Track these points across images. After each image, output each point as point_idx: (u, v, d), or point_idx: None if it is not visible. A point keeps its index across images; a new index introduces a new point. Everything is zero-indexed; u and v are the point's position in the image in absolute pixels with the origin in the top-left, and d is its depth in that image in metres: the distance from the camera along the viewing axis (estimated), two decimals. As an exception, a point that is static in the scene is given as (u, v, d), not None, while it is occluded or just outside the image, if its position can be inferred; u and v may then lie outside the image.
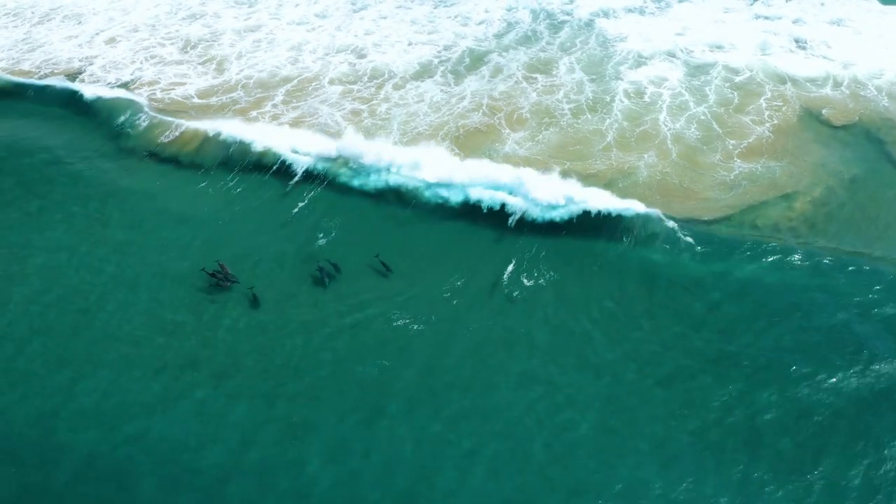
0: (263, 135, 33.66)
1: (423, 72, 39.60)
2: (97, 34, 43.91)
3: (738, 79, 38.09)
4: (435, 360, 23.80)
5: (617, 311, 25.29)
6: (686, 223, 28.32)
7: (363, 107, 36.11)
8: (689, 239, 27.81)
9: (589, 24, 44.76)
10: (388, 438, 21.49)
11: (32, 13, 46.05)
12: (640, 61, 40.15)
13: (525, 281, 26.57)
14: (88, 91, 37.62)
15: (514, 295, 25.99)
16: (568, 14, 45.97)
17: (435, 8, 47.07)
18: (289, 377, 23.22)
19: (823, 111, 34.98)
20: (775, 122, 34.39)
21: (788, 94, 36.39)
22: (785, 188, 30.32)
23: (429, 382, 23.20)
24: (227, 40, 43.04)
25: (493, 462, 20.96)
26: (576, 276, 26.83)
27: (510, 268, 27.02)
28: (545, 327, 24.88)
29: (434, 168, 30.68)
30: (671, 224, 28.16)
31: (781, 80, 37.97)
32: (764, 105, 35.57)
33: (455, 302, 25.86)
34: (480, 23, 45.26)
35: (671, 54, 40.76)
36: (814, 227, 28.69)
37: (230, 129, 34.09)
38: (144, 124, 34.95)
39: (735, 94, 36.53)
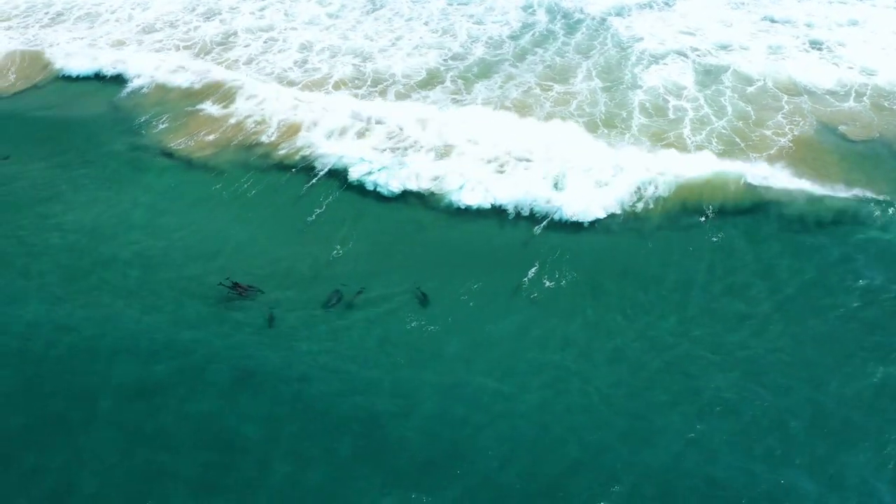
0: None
1: (432, 77, 38.09)
2: (103, 36, 42.85)
3: (750, 88, 36.11)
4: (454, 361, 22.71)
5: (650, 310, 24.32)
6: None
7: (368, 117, 34.72)
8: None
9: (602, 22, 43.23)
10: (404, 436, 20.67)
11: (46, 13, 45.13)
12: (653, 63, 38.46)
13: (548, 282, 25.46)
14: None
15: (537, 296, 24.85)
16: (582, 12, 44.29)
17: (449, 4, 45.68)
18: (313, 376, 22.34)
19: (840, 127, 32.80)
20: (797, 133, 32.39)
21: (805, 106, 34.27)
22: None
23: (449, 381, 22.19)
24: (241, 40, 41.85)
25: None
26: (606, 276, 25.77)
27: (534, 270, 25.80)
28: (571, 326, 23.75)
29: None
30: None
31: (797, 90, 35.89)
32: (783, 121, 33.38)
33: (472, 303, 24.65)
34: (495, 22, 43.71)
35: (684, 56, 39.09)
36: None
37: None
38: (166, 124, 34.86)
39: (750, 107, 34.47)
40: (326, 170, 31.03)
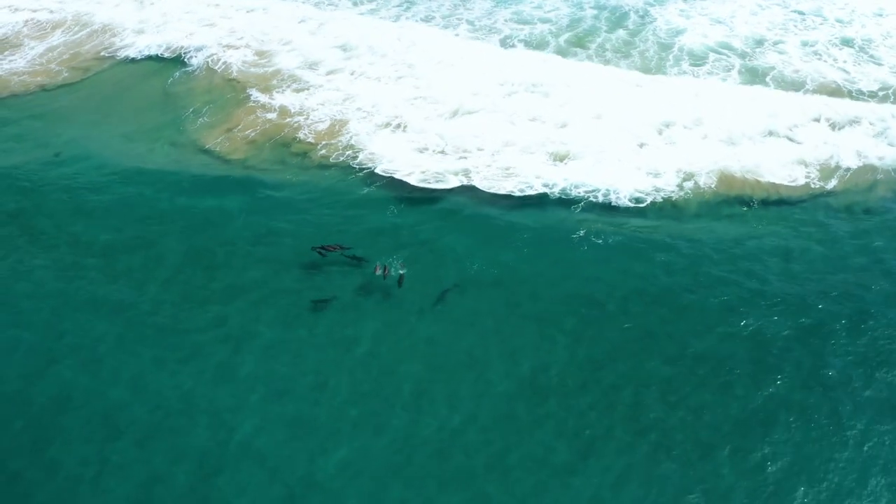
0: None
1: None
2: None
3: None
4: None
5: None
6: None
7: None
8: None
9: (644, 16, 42.61)
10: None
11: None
12: (693, 63, 38.29)
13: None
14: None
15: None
16: (625, 6, 43.41)
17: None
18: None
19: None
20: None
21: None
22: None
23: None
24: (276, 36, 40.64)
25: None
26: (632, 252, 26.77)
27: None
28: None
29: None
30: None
31: (841, 94, 35.44)
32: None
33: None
34: (545, 21, 42.31)
35: (724, 56, 38.88)
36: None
37: None
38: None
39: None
40: (373, 164, 31.21)
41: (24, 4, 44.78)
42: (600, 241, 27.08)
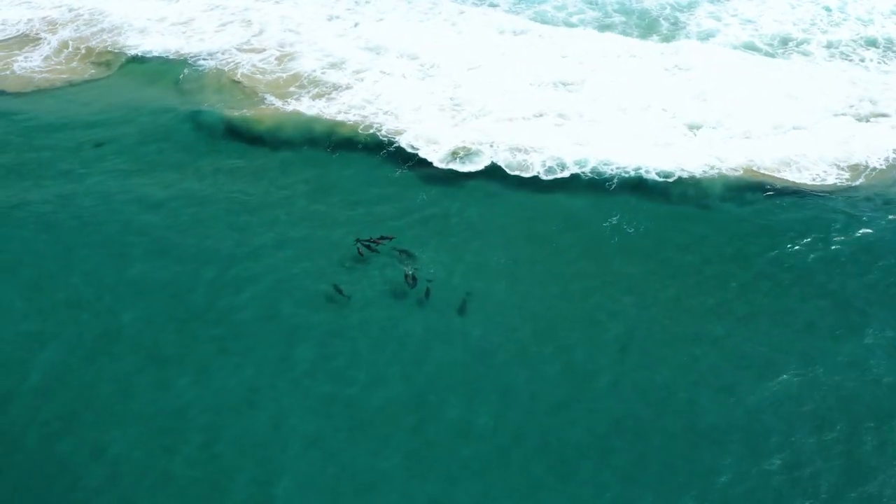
0: None
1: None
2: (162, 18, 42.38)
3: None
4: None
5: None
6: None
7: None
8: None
9: (675, 22, 42.08)
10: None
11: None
12: None
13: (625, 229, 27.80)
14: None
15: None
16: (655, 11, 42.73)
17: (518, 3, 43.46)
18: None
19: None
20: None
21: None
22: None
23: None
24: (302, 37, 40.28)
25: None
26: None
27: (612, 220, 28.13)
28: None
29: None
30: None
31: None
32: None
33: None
34: (569, 26, 41.28)
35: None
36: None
37: None
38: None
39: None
40: (397, 139, 31.92)
41: (44, 2, 44.44)
42: (631, 230, 27.88)
